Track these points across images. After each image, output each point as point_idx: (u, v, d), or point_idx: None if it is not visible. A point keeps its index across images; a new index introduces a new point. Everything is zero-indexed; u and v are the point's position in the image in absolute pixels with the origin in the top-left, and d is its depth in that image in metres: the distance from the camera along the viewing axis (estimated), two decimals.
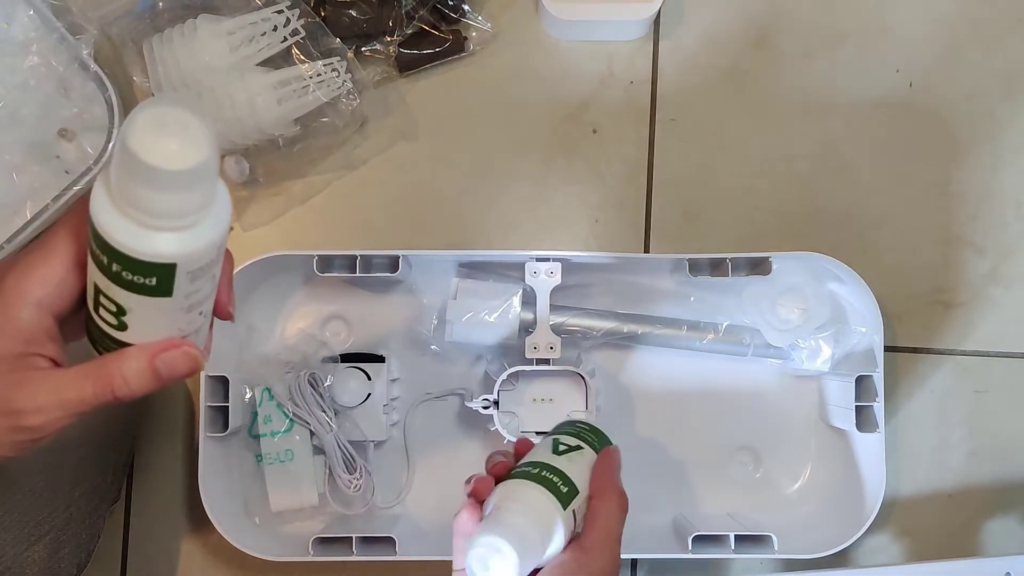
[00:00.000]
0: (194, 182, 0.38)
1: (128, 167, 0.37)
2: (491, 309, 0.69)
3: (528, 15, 0.77)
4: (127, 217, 0.39)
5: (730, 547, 0.67)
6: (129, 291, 0.41)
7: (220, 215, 0.41)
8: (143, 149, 0.36)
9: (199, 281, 0.42)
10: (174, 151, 0.37)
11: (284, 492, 0.70)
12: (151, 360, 0.44)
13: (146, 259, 0.39)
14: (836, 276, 0.70)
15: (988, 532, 0.75)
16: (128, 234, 0.39)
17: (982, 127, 0.77)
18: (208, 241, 0.40)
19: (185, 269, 0.41)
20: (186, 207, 0.39)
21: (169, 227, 0.39)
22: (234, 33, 0.69)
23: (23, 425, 0.43)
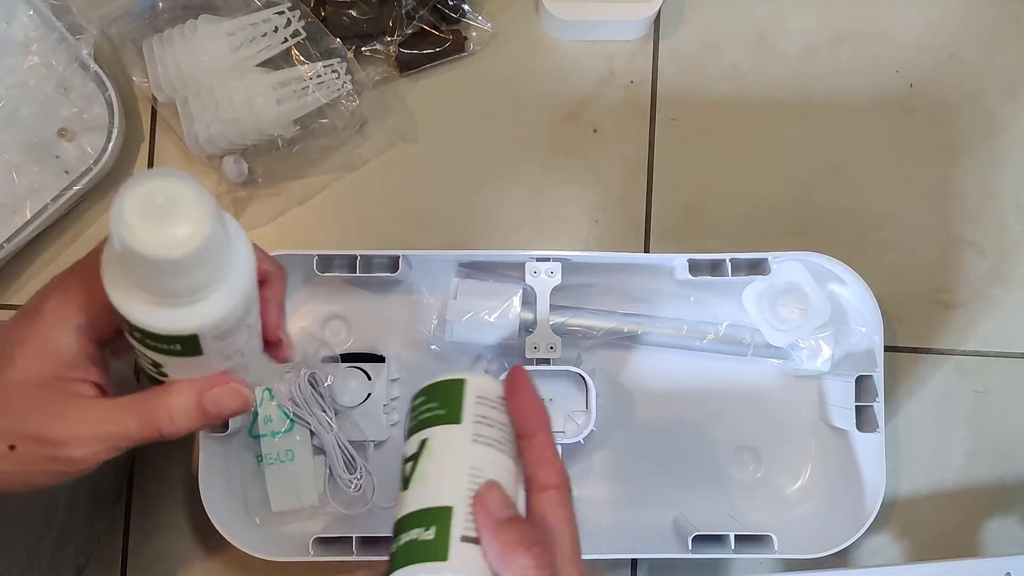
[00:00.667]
0: (200, 262, 0.36)
1: (126, 257, 0.35)
2: (491, 309, 0.69)
3: (528, 15, 0.77)
4: (140, 296, 0.37)
5: (730, 547, 0.67)
6: (159, 353, 0.40)
7: (239, 275, 0.38)
8: (137, 241, 0.34)
9: (229, 338, 0.40)
10: (171, 238, 0.34)
11: (284, 492, 0.70)
12: (199, 397, 0.42)
13: (166, 333, 0.38)
14: (836, 276, 0.70)
15: (988, 532, 0.75)
16: (142, 312, 0.37)
17: (982, 127, 0.77)
18: (228, 307, 0.38)
19: (210, 335, 0.39)
20: (197, 284, 0.37)
21: (184, 303, 0.37)
22: (234, 34, 0.69)
23: (61, 456, 0.42)
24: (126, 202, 0.34)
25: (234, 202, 0.74)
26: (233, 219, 0.39)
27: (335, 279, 0.71)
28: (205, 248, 0.35)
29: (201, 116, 0.70)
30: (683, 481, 0.73)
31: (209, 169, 0.74)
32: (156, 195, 0.34)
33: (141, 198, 0.34)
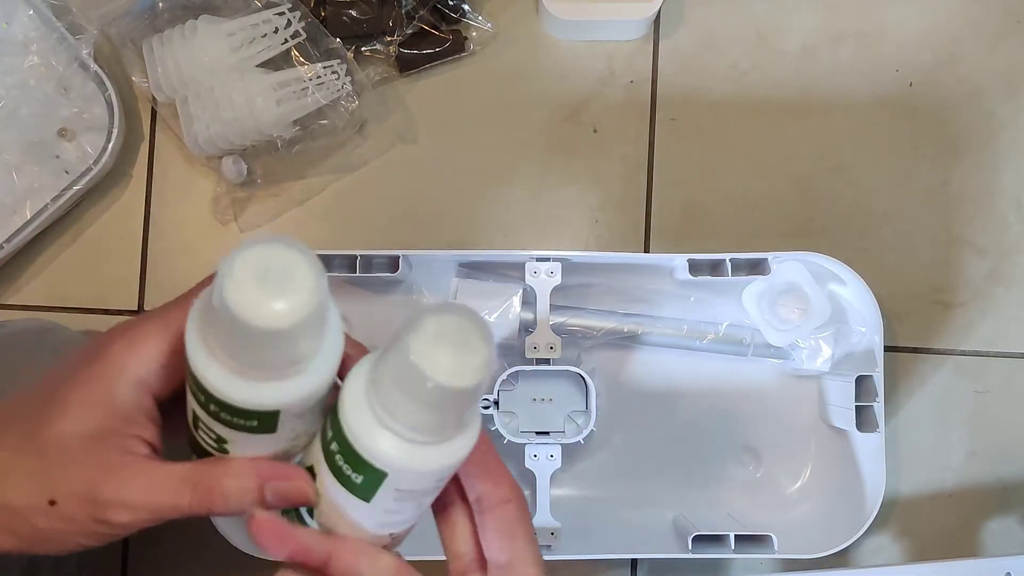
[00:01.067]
0: (301, 335, 0.34)
1: (226, 322, 0.33)
2: (491, 309, 0.69)
3: (528, 15, 0.77)
4: (226, 366, 0.35)
5: (730, 547, 0.67)
6: (229, 428, 0.38)
7: (331, 351, 0.37)
8: (245, 305, 0.32)
9: (308, 416, 0.38)
10: (280, 309, 0.32)
11: None
12: (261, 484, 0.39)
13: (247, 408, 0.36)
14: (836, 276, 0.70)
15: (988, 532, 0.75)
16: (227, 383, 0.35)
17: (982, 127, 0.77)
18: (316, 386, 0.36)
19: (291, 413, 0.37)
20: (292, 358, 0.35)
21: (274, 376, 0.35)
22: (234, 34, 0.69)
23: (106, 519, 0.38)
24: (238, 262, 0.32)
25: (233, 203, 0.74)
26: None
27: (335, 279, 0.71)
28: (312, 321, 0.34)
29: (201, 116, 0.70)
30: (683, 481, 0.73)
31: (208, 169, 0.74)
32: (271, 262, 0.33)
33: (255, 261, 0.33)
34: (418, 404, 0.34)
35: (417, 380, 0.34)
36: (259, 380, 0.35)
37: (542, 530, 0.68)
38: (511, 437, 0.68)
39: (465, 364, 0.34)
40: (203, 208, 0.75)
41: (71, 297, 0.75)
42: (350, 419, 0.36)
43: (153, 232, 0.75)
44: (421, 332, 0.34)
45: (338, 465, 0.37)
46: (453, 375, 0.34)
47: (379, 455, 0.36)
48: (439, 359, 0.34)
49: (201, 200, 0.75)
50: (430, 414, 0.35)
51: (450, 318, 0.35)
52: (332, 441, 0.38)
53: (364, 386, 0.36)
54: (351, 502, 0.38)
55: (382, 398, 0.35)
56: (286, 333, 0.33)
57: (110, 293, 0.75)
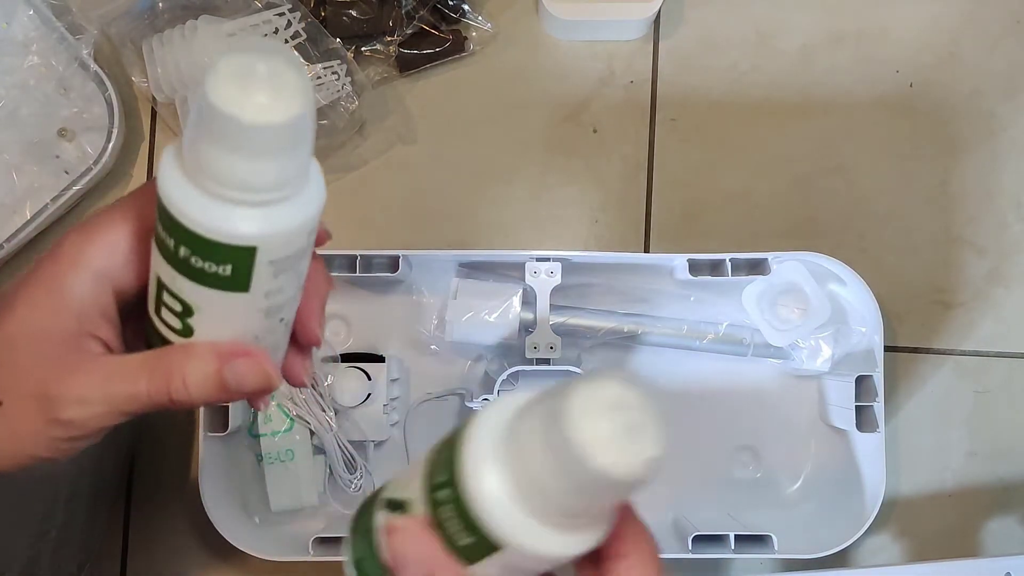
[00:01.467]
0: (285, 143, 0.31)
1: (205, 123, 0.30)
2: (491, 309, 0.69)
3: (528, 15, 0.77)
4: (201, 189, 0.32)
5: (730, 547, 0.67)
6: (198, 283, 0.34)
7: (313, 193, 0.34)
8: (225, 99, 0.30)
9: (282, 276, 0.35)
10: (263, 103, 0.30)
11: (284, 492, 0.70)
12: (221, 364, 0.36)
13: (221, 240, 0.32)
14: (836, 276, 0.70)
15: (988, 532, 0.75)
16: (201, 209, 0.32)
17: (982, 127, 0.77)
18: (298, 223, 0.33)
19: (267, 257, 0.34)
20: (273, 176, 0.32)
21: (252, 201, 0.32)
22: (234, 35, 0.69)
23: (60, 418, 0.36)
24: (224, 63, 0.30)
25: None
26: None
27: (335, 279, 0.71)
28: (297, 127, 0.31)
29: None
30: (683, 481, 0.73)
31: None
32: (258, 65, 0.30)
33: (242, 64, 0.30)
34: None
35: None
36: (237, 204, 0.32)
37: None
38: None
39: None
40: None
41: None
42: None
43: None
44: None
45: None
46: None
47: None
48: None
49: None
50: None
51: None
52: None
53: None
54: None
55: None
56: (269, 132, 0.30)
57: None
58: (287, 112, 0.30)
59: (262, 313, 0.36)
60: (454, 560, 0.33)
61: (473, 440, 0.32)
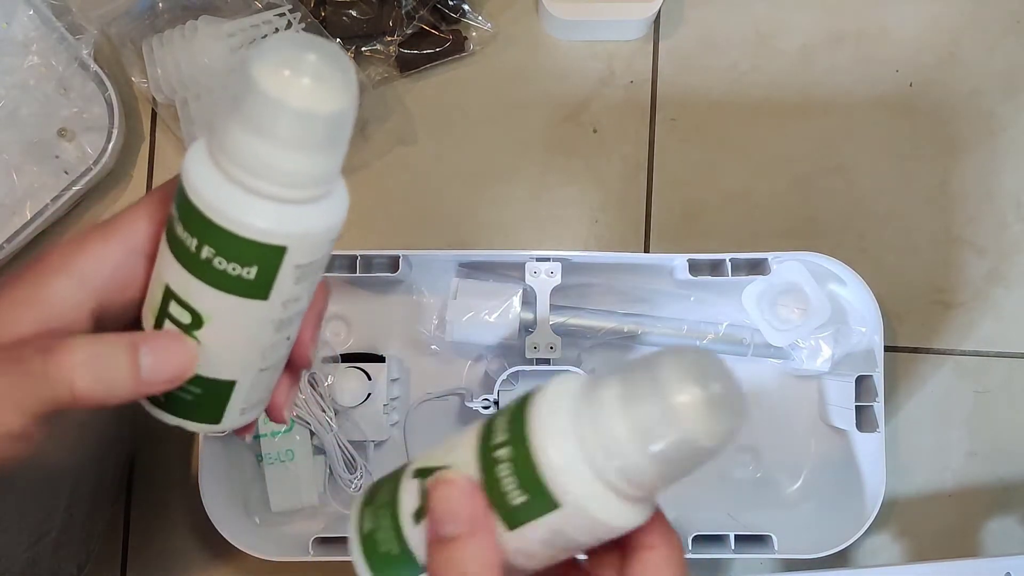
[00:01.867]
0: (330, 136, 0.30)
1: (246, 110, 0.29)
2: (491, 309, 0.69)
3: (528, 15, 0.77)
4: (234, 183, 0.30)
5: (730, 547, 0.67)
6: (217, 288, 0.32)
7: (341, 199, 0.33)
8: (272, 83, 0.28)
9: (302, 285, 0.33)
10: (312, 90, 0.29)
11: (284, 492, 0.70)
12: (134, 351, 0.32)
13: (252, 237, 0.31)
14: (836, 276, 0.70)
15: (988, 532, 0.75)
16: (232, 201, 0.30)
17: (982, 127, 0.77)
18: (327, 226, 0.32)
19: (294, 260, 0.32)
20: (313, 171, 0.30)
21: (287, 197, 0.30)
22: (234, 35, 0.69)
23: None
24: (273, 48, 0.29)
25: None
26: None
27: (335, 279, 0.71)
28: (342, 120, 0.30)
29: (200, 117, 0.70)
30: (682, 481, 0.73)
31: None
32: (307, 57, 0.29)
33: (292, 53, 0.29)
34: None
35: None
36: (270, 199, 0.30)
37: None
38: None
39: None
40: None
41: None
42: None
43: None
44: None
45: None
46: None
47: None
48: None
49: None
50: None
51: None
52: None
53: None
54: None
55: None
56: (316, 122, 0.29)
57: None
58: (336, 103, 0.29)
59: (274, 326, 0.34)
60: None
61: (545, 401, 0.31)
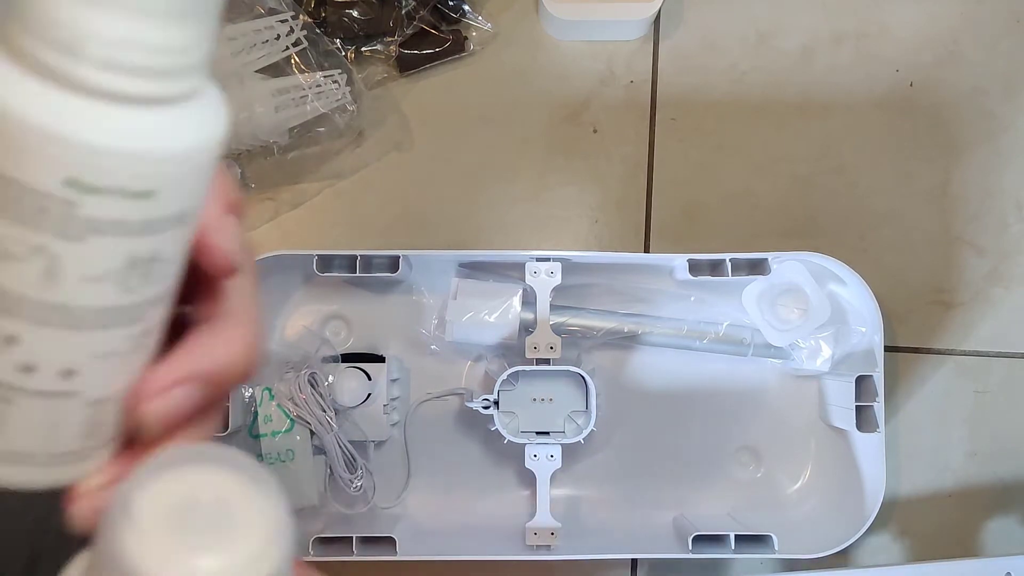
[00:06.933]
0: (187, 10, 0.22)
1: None
2: (491, 309, 0.69)
3: (528, 15, 0.77)
4: (41, 74, 0.21)
5: (730, 547, 0.67)
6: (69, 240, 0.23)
7: (219, 108, 0.25)
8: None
9: (181, 228, 0.25)
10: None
11: (284, 492, 0.70)
12: None
13: (131, 151, 0.22)
14: (836, 276, 0.70)
15: (988, 532, 0.75)
16: (44, 103, 0.21)
17: (983, 127, 0.77)
18: (211, 133, 0.24)
19: (175, 187, 0.24)
20: (168, 51, 0.22)
21: (155, 99, 0.22)
22: (235, 39, 0.69)
23: None
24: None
25: None
26: None
27: (335, 279, 0.71)
28: None
29: None
30: (683, 481, 0.73)
31: None
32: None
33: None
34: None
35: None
36: (105, 100, 0.22)
37: (542, 530, 0.68)
38: (511, 437, 0.68)
39: None
40: None
41: None
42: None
43: None
44: None
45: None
46: None
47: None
48: None
49: None
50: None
51: None
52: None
53: None
54: None
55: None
56: None
57: None
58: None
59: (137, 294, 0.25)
60: None
61: None
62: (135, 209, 0.23)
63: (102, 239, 0.23)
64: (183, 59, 0.23)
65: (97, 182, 0.22)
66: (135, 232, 0.23)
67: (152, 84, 0.22)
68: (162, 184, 0.23)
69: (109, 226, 0.23)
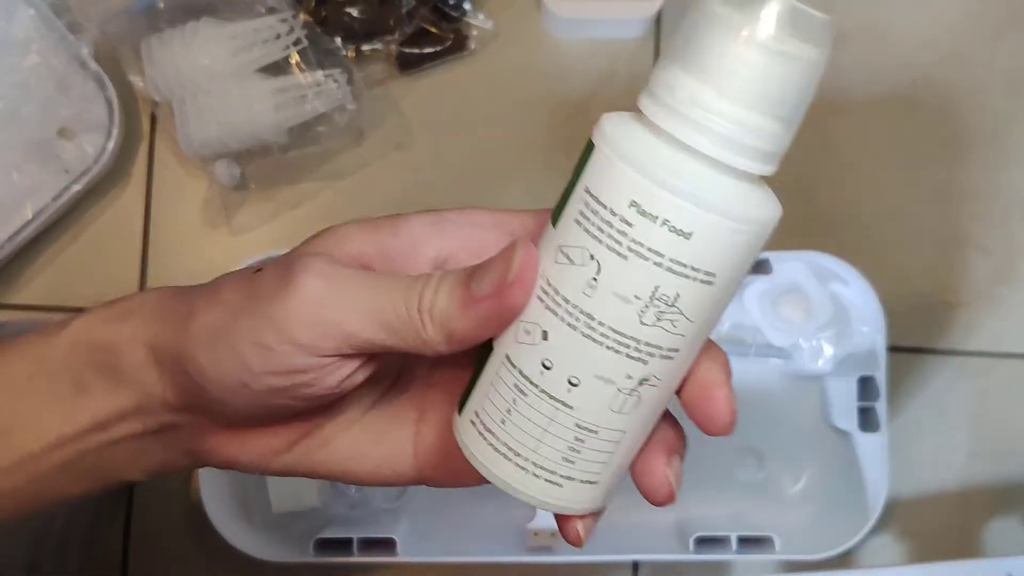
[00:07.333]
0: (806, 97, 0.27)
1: (730, 52, 0.26)
2: None
3: (529, 13, 0.77)
4: (689, 151, 0.26)
5: (732, 548, 0.67)
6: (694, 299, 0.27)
7: (770, 200, 0.29)
8: (774, 34, 0.26)
9: None
10: (809, 46, 0.26)
11: (285, 493, 0.70)
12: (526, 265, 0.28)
13: (760, 219, 0.27)
14: (838, 275, 0.70)
15: (990, 533, 0.75)
16: (669, 162, 0.26)
17: (987, 125, 0.76)
18: (753, 214, 0.27)
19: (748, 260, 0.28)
20: (782, 142, 0.28)
21: (750, 168, 0.27)
22: (236, 38, 0.69)
23: (278, 346, 0.29)
24: None
25: (225, 206, 0.74)
26: None
27: None
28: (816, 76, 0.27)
29: (197, 119, 0.70)
30: (685, 482, 0.72)
31: (201, 172, 0.74)
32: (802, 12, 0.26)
33: (790, 9, 0.26)
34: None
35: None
36: (747, 182, 0.27)
37: (543, 532, 0.68)
38: None
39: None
40: (201, 209, 0.75)
41: (71, 297, 0.74)
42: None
43: (153, 232, 0.75)
44: None
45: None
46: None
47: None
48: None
49: (201, 201, 0.75)
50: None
51: None
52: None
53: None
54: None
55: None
56: (805, 72, 0.27)
57: (110, 292, 0.74)
58: (822, 52, 0.26)
59: None
60: None
61: None
62: (674, 245, 0.26)
63: (640, 262, 0.27)
64: (774, 149, 0.27)
65: (652, 210, 0.26)
66: (666, 267, 0.27)
67: (747, 161, 0.27)
68: (704, 231, 0.26)
69: (649, 253, 0.26)
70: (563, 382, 0.28)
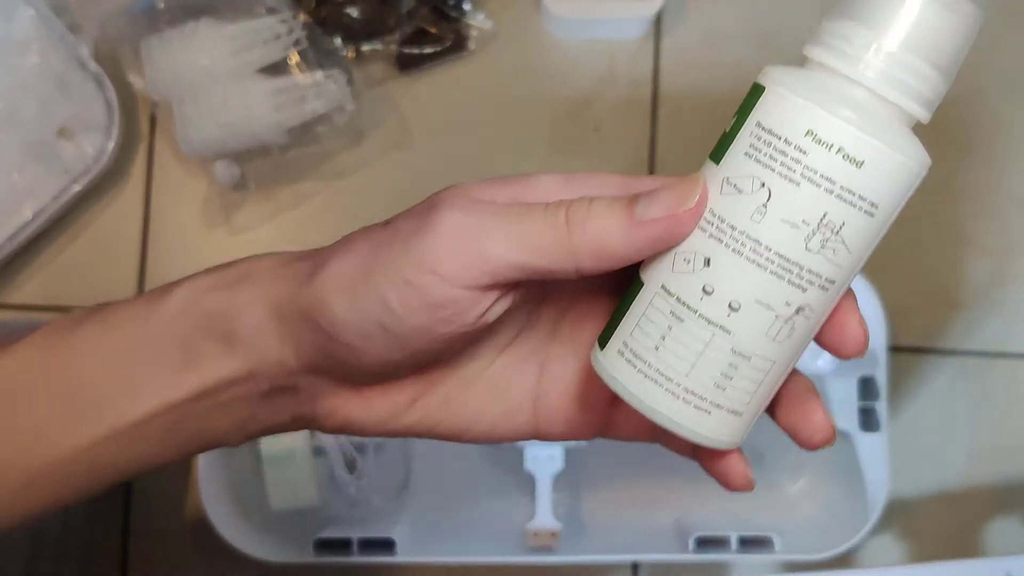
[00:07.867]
0: (963, 50, 0.29)
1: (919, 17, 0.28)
2: None
3: (529, 13, 0.77)
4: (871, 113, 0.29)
5: (732, 549, 0.67)
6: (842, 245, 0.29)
7: (921, 151, 0.31)
8: None
9: None
10: (970, 3, 0.29)
11: (284, 493, 0.70)
12: None
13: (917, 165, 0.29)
14: None
15: (990, 532, 0.75)
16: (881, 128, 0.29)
17: (986, 125, 0.76)
18: (913, 155, 0.30)
19: None
20: (939, 89, 0.30)
21: (914, 111, 0.29)
22: (236, 38, 0.69)
23: (426, 280, 0.30)
24: None
25: (225, 206, 0.74)
26: None
27: None
28: None
29: (196, 119, 0.70)
30: (685, 482, 0.73)
31: (201, 172, 0.73)
32: None
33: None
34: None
35: None
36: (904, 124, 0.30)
37: (543, 532, 0.68)
38: None
39: None
40: (201, 209, 0.75)
41: (70, 297, 0.74)
42: None
43: (152, 232, 0.75)
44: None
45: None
46: None
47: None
48: None
49: (200, 201, 0.75)
50: None
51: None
52: None
53: None
54: None
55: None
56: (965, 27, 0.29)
57: (110, 292, 0.75)
58: (980, 14, 0.29)
59: None
60: None
61: None
62: (846, 173, 0.28)
63: (812, 188, 0.28)
64: (933, 96, 0.29)
65: (828, 138, 0.28)
66: (836, 194, 0.28)
67: (912, 103, 0.29)
68: (874, 160, 0.28)
69: (821, 179, 0.28)
70: (723, 306, 0.29)
